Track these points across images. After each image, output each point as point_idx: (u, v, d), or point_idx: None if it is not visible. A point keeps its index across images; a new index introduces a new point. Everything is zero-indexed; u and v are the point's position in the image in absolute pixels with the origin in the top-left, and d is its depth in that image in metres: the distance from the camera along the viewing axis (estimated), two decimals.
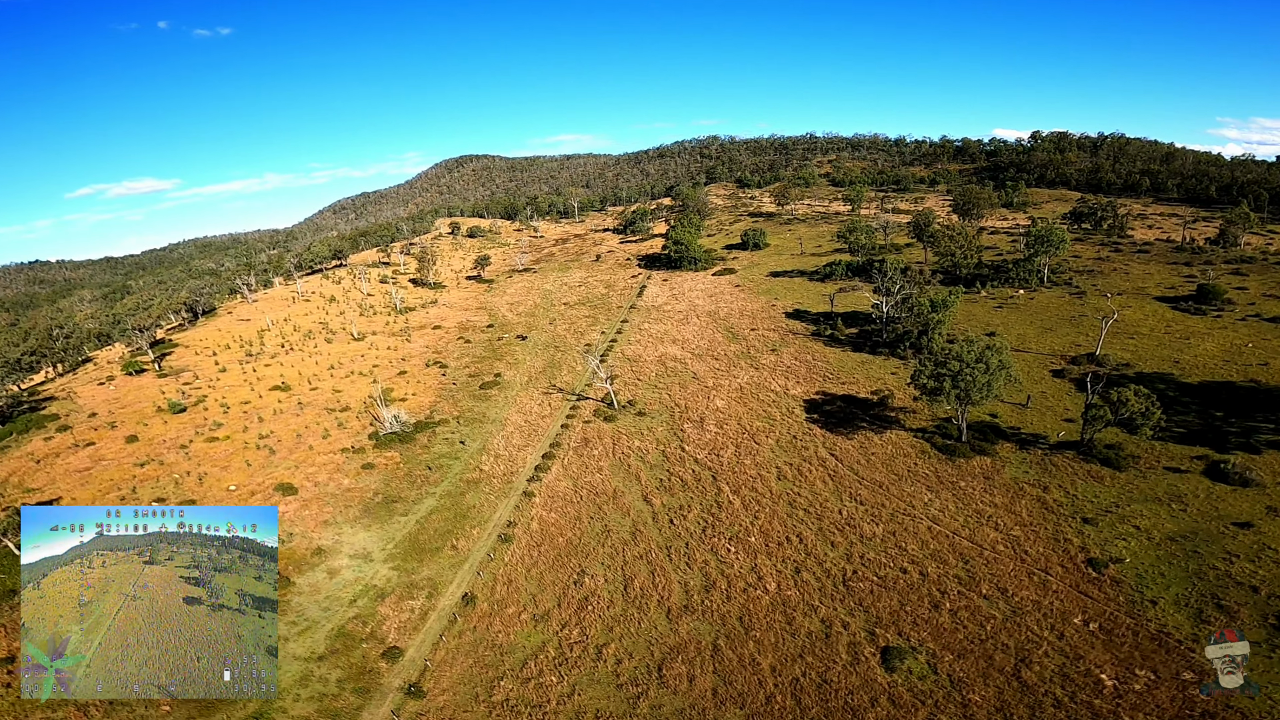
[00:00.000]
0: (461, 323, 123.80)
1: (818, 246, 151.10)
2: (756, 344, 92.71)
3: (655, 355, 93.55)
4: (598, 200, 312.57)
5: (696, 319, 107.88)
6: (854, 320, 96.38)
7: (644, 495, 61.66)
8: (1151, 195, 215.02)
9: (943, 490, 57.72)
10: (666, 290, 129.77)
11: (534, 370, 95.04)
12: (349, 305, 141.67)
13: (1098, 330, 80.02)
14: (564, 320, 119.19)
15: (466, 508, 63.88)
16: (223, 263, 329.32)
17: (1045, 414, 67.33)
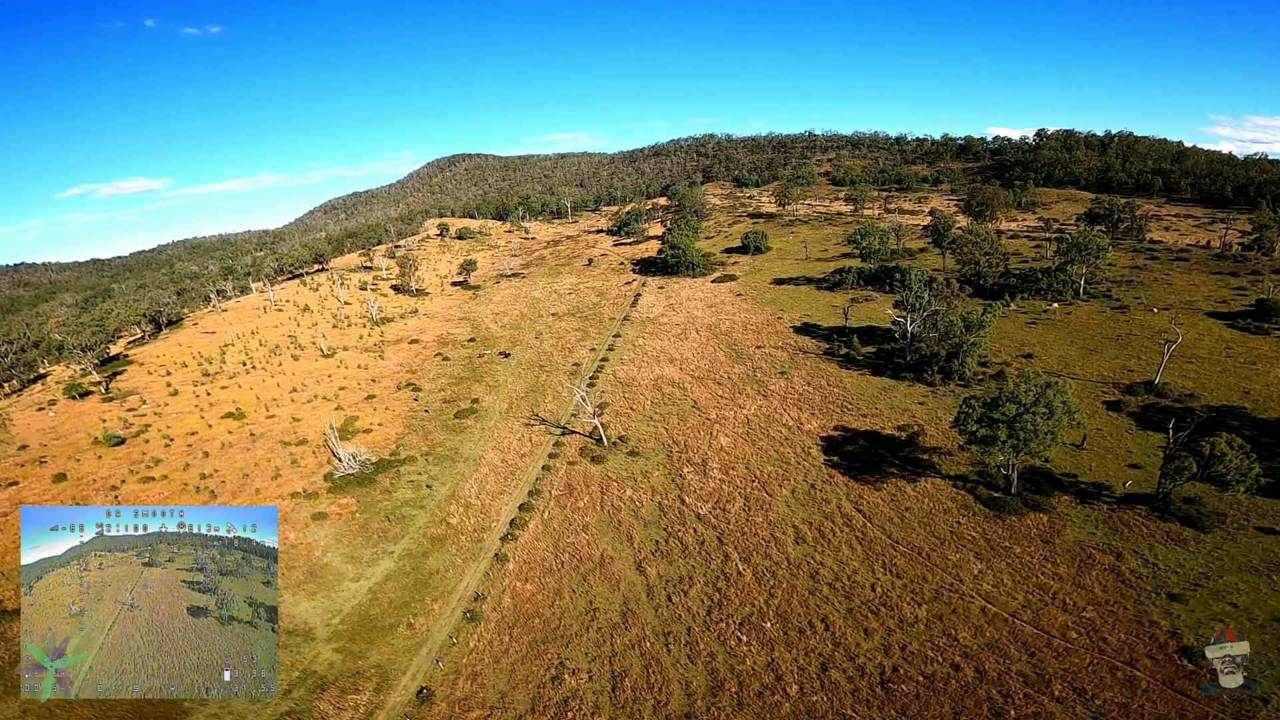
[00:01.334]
0: (441, 336, 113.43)
1: (823, 250, 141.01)
2: (763, 365, 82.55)
3: (650, 378, 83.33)
4: (592, 200, 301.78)
5: (696, 334, 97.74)
6: (870, 337, 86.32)
7: (637, 562, 51.61)
8: (1164, 195, 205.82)
9: (995, 558, 47.85)
10: (663, 299, 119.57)
11: (515, 395, 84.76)
12: (324, 316, 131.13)
13: (1150, 352, 70.28)
14: (551, 334, 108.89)
15: (428, 573, 53.85)
16: (207, 265, 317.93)
17: (1104, 457, 57.47)
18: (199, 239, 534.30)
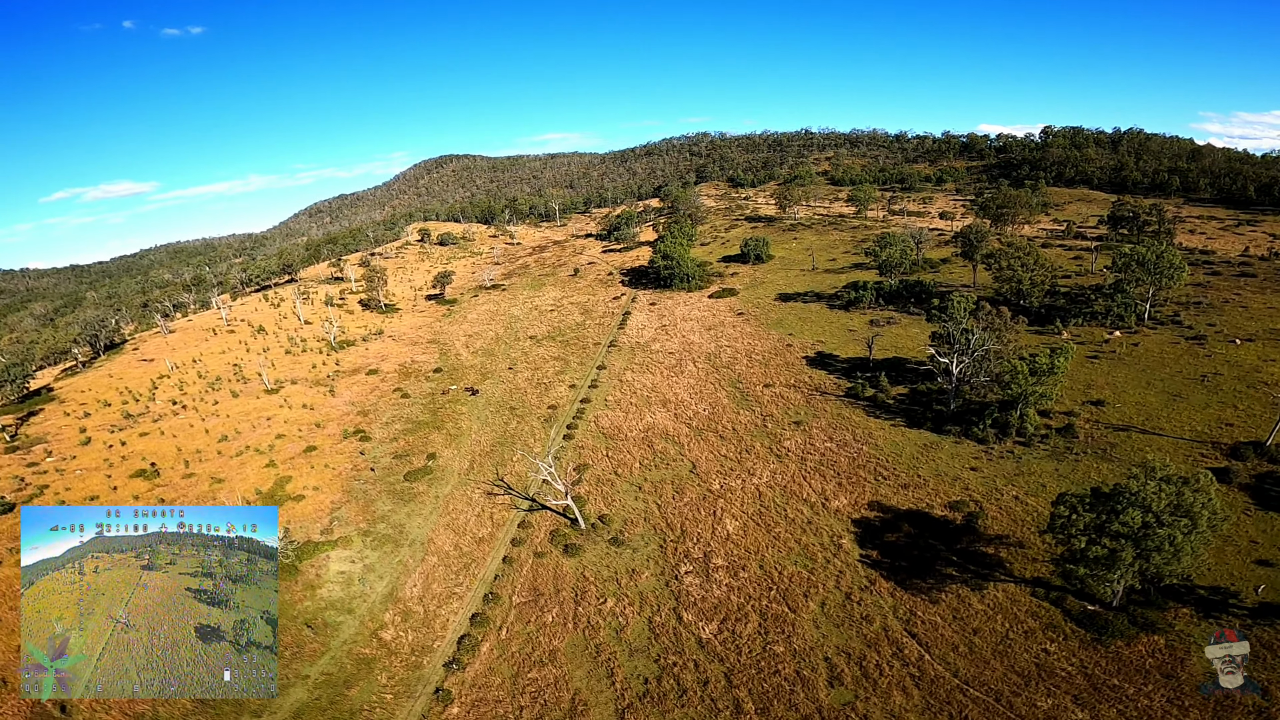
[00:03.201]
0: (404, 365, 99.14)
1: (831, 260, 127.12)
2: (774, 411, 68.58)
3: (639, 428, 69.25)
4: (581, 202, 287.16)
5: (693, 365, 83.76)
6: (900, 372, 72.35)
7: (619, 711, 37.80)
8: (1181, 195, 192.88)
9: (1101, 704, 34.29)
10: (654, 319, 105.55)
11: (479, 448, 70.59)
12: (279, 338, 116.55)
13: (1248, 399, 56.85)
14: (527, 363, 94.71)
15: (349, 712, 39.99)
16: (181, 272, 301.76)
17: (1222, 548, 43.72)
18: (182, 243, 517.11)
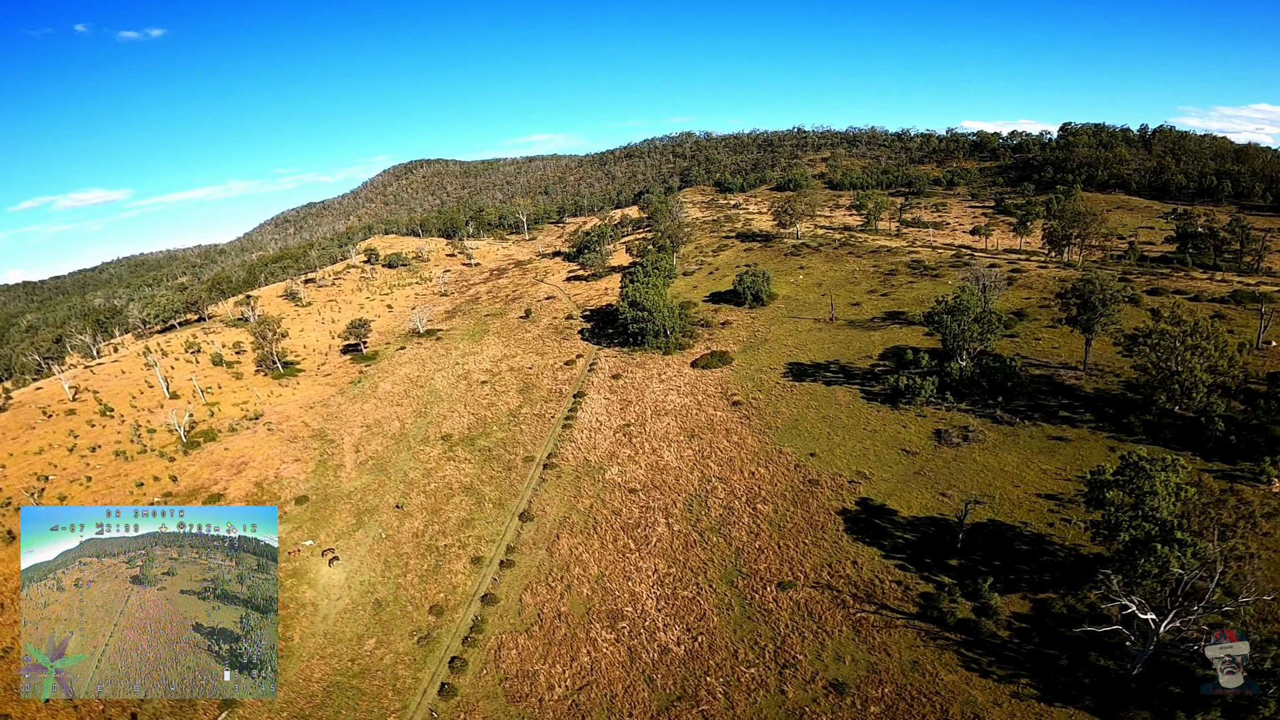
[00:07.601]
0: (261, 483, 67.54)
1: (854, 304, 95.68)
2: (798, 652, 37.64)
3: (567, 684, 38.11)
4: (555, 210, 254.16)
5: (664, 522, 52.54)
6: (999, 549, 41.36)
7: None
8: (1233, 202, 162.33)
9: None
10: (616, 407, 74.16)
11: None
12: (124, 426, 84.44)
13: None
14: (425, 495, 63.13)
15: None
16: (117, 292, 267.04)
17: None
18: (145, 255, 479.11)
